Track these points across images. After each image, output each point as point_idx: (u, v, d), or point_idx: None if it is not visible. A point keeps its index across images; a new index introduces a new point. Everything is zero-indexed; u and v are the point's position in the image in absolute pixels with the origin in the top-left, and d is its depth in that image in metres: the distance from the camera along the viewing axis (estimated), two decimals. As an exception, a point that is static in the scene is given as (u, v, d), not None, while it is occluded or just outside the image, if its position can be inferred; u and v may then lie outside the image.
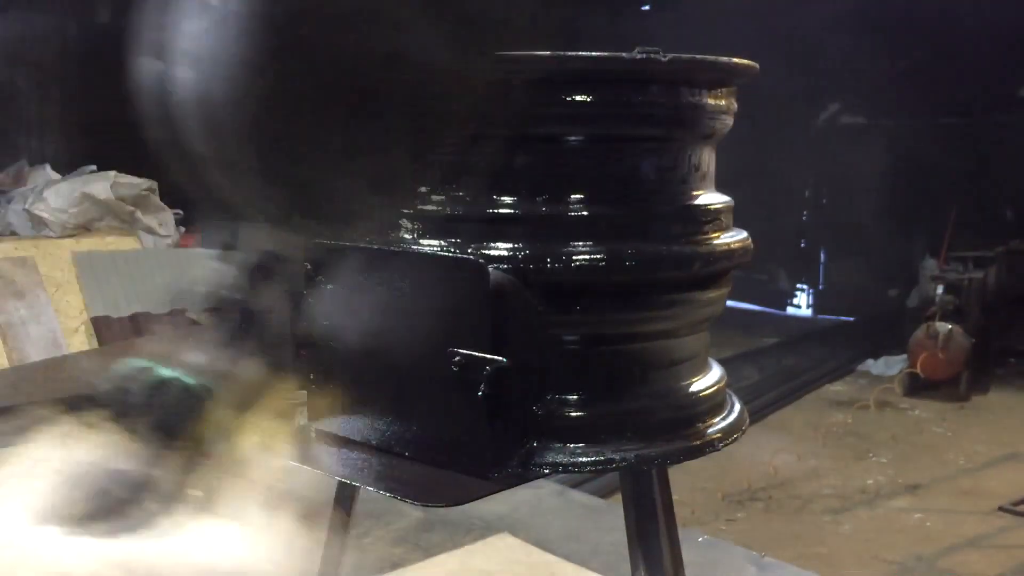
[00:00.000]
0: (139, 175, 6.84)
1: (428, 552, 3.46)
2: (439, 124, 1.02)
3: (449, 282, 1.53)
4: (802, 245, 10.56)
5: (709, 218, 1.59)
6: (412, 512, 3.75)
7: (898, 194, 9.41)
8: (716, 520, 4.68)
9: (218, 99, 0.98)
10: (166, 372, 1.03)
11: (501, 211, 1.49)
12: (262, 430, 1.04)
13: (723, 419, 1.65)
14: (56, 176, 6.99)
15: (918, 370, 6.96)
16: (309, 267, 1.61)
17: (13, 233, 6.38)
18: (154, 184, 6.79)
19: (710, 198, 1.62)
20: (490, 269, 1.43)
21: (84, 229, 6.46)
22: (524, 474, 1.44)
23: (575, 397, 1.50)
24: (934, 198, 8.84)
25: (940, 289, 7.62)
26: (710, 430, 1.60)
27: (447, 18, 0.88)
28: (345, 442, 1.63)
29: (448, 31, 0.85)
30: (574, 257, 1.45)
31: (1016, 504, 4.73)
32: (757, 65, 1.62)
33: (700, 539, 3.64)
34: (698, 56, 1.51)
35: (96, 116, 8.37)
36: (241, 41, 0.92)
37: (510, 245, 1.46)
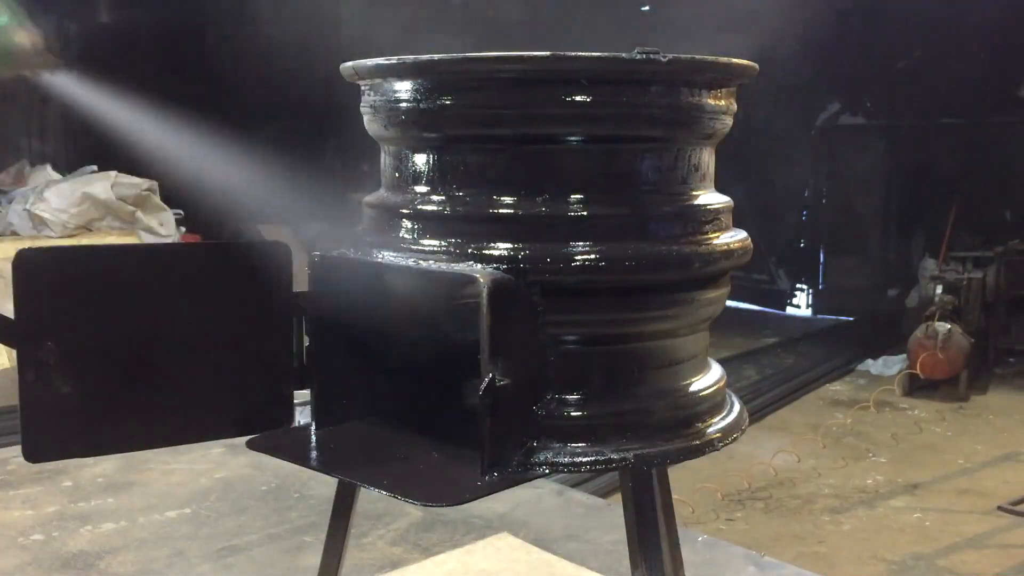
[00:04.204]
0: (139, 175, 6.86)
1: (428, 551, 3.46)
2: None
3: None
4: (802, 245, 10.56)
5: (709, 218, 1.60)
6: (412, 511, 3.76)
7: (897, 194, 9.42)
8: (716, 519, 4.68)
9: None
10: None
11: (501, 211, 1.49)
12: None
13: (723, 419, 1.65)
14: (57, 176, 7.01)
15: (917, 370, 6.96)
16: (312, 275, 1.62)
17: (14, 233, 6.39)
18: (155, 184, 6.81)
19: (710, 198, 1.63)
20: (489, 270, 1.43)
21: (85, 229, 6.46)
22: (524, 474, 1.45)
23: (575, 397, 1.51)
24: (933, 198, 8.85)
25: (939, 289, 7.62)
26: (710, 430, 1.61)
27: None
28: (347, 442, 1.64)
29: None
30: (574, 257, 1.46)
31: (1015, 504, 4.73)
32: (756, 66, 1.62)
33: (700, 538, 3.64)
34: (697, 56, 1.52)
35: (97, 116, 8.39)
36: None
37: (510, 245, 1.47)
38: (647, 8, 10.46)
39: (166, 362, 1.55)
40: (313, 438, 1.63)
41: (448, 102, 1.50)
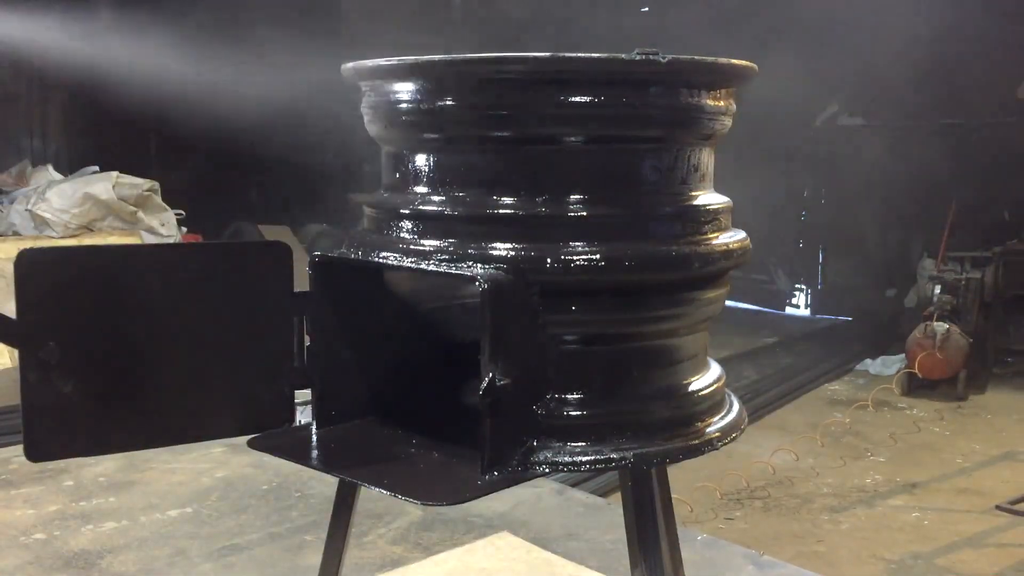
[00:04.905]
0: (141, 175, 6.86)
1: (428, 550, 3.47)
2: None
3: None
4: (800, 245, 10.56)
5: (708, 218, 1.60)
6: (412, 510, 3.77)
7: (896, 194, 9.41)
8: (715, 519, 4.69)
9: None
10: None
11: (501, 211, 1.50)
12: None
13: (722, 418, 1.66)
14: (58, 176, 7.01)
15: (916, 370, 6.97)
16: (312, 275, 1.63)
17: (16, 233, 6.39)
18: (156, 184, 6.81)
19: (709, 198, 1.63)
20: (489, 270, 1.44)
21: (86, 229, 6.46)
22: (523, 473, 1.46)
23: (574, 396, 1.51)
24: (932, 199, 8.84)
25: (938, 289, 7.62)
26: (709, 429, 1.61)
27: None
28: (347, 441, 1.64)
29: None
30: (573, 257, 1.46)
31: (1013, 503, 4.74)
32: (756, 66, 1.63)
33: (699, 538, 3.65)
34: (697, 57, 1.52)
35: (98, 117, 8.41)
36: None
37: (510, 245, 1.47)
38: (647, 9, 10.47)
39: (167, 362, 1.56)
40: (314, 437, 1.64)
41: (448, 103, 1.50)
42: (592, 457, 1.49)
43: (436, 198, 1.55)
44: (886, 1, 8.14)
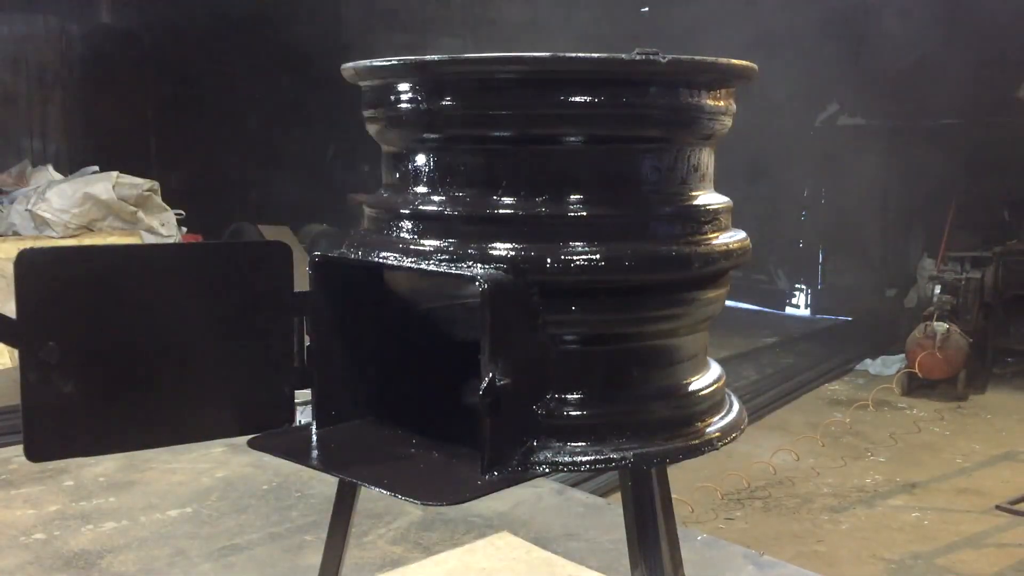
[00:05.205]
0: (141, 175, 6.87)
1: (428, 550, 3.47)
2: None
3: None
4: (800, 245, 10.56)
5: (708, 218, 1.60)
6: (412, 510, 3.77)
7: (896, 194, 9.42)
8: (715, 519, 4.69)
9: None
10: None
11: (501, 211, 1.50)
12: None
13: (722, 418, 1.66)
14: (58, 176, 7.01)
15: (916, 370, 6.97)
16: (312, 275, 1.63)
17: (16, 233, 6.39)
18: (156, 184, 6.81)
19: (709, 198, 1.63)
20: (489, 270, 1.44)
21: (86, 229, 6.46)
22: (524, 473, 1.46)
23: (574, 396, 1.51)
24: (932, 198, 8.84)
25: (938, 289, 7.62)
26: (709, 429, 1.61)
27: None
28: (347, 441, 1.64)
29: None
30: (573, 257, 1.46)
31: (1013, 503, 4.74)
32: (756, 66, 1.63)
33: (699, 537, 3.66)
34: (697, 57, 1.52)
35: (98, 117, 8.41)
36: None
37: (509, 245, 1.47)
38: (646, 9, 10.47)
39: (167, 362, 1.56)
40: (314, 437, 1.64)
41: (448, 103, 1.51)
42: (592, 457, 1.49)
43: (436, 198, 1.55)
44: (886, 1, 8.14)
